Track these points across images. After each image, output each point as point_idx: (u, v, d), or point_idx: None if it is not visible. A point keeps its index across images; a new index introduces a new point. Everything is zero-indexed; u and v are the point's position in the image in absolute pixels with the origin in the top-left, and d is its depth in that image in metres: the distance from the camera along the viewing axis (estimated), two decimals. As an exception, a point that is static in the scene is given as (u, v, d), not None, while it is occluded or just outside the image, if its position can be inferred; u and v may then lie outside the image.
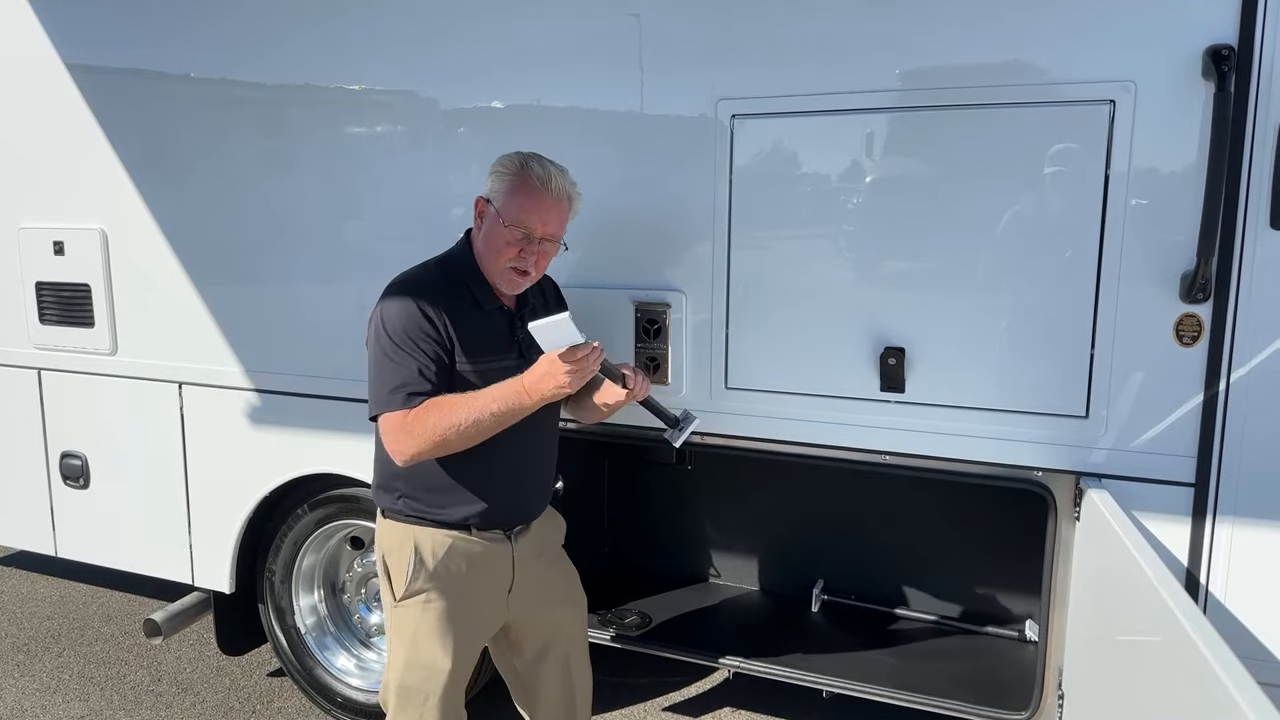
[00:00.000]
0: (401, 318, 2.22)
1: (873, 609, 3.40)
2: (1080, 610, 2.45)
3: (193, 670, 4.05)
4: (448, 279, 2.33)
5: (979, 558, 3.29)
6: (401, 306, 2.23)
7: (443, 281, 2.32)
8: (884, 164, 2.54)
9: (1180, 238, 2.27)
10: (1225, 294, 2.25)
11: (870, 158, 2.54)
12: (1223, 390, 2.29)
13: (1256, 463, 2.28)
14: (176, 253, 3.47)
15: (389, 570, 2.39)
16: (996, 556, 3.25)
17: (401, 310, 2.23)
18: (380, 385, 2.23)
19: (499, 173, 2.31)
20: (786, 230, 2.65)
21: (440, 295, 2.27)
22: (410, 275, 2.35)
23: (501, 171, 2.30)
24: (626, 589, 3.50)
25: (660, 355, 2.82)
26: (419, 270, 2.37)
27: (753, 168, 2.65)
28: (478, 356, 2.28)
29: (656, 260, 2.81)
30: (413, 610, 2.34)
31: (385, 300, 2.28)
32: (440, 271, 2.35)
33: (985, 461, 2.55)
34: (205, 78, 3.34)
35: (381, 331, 2.23)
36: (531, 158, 2.31)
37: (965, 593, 3.36)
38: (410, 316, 2.22)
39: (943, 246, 2.50)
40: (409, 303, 2.24)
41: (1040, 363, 2.45)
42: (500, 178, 2.30)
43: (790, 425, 2.73)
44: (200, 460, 3.57)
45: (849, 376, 2.63)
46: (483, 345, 2.30)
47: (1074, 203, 2.35)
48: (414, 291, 2.27)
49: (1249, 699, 1.35)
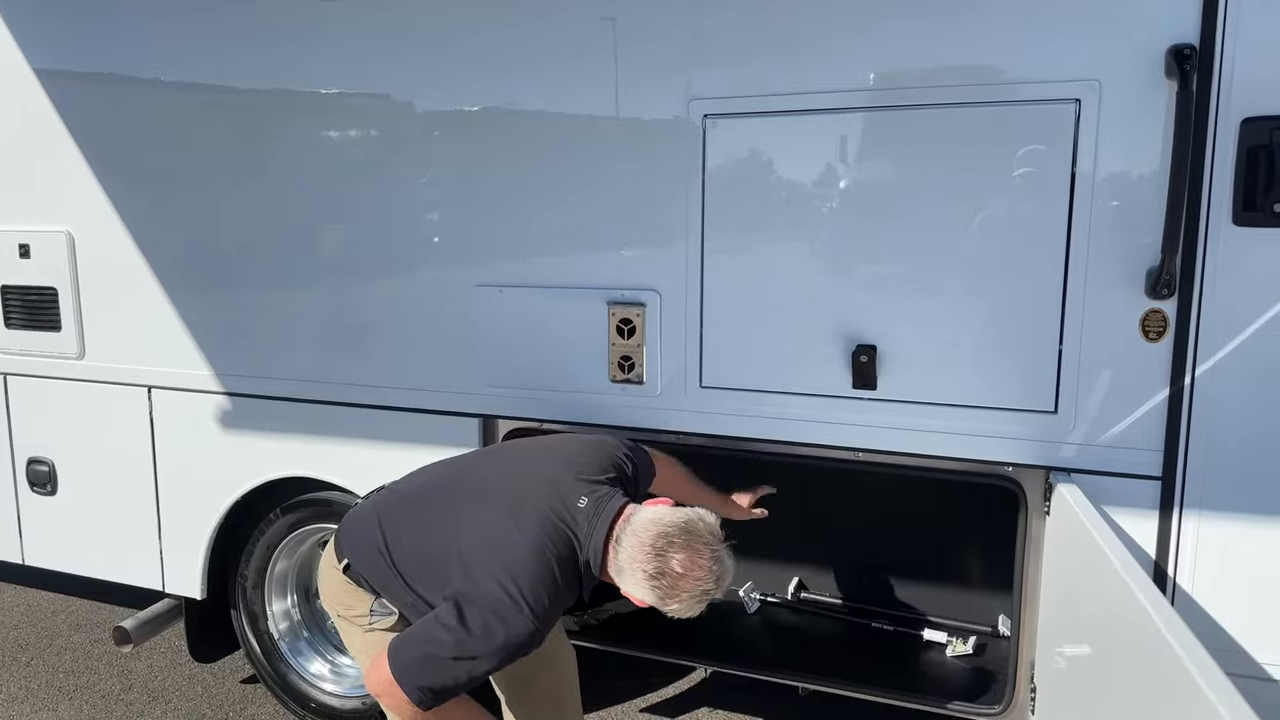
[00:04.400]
0: (509, 644, 1.99)
1: (848, 606, 3.41)
2: (1051, 605, 2.47)
3: (164, 678, 4.00)
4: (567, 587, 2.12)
5: (952, 554, 3.31)
6: (522, 637, 2.00)
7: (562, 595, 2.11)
8: (854, 163, 2.55)
9: (1145, 234, 2.29)
10: (1189, 290, 2.27)
11: (840, 157, 2.56)
12: (1188, 385, 2.31)
13: (1222, 456, 2.30)
14: (145, 255, 3.43)
15: (346, 614, 2.35)
16: (969, 553, 3.27)
17: (519, 639, 2.00)
18: (422, 660, 2.00)
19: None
20: (759, 230, 2.66)
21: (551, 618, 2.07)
22: (547, 592, 2.05)
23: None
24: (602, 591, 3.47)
25: (635, 355, 2.82)
26: (552, 584, 2.07)
27: (725, 168, 2.65)
28: None
29: (630, 260, 2.81)
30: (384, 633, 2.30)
31: (505, 605, 1.99)
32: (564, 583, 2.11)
33: (956, 457, 2.56)
34: (173, 80, 3.31)
35: (471, 639, 1.98)
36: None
37: (939, 589, 3.36)
38: (516, 649, 2.01)
39: (913, 245, 2.51)
40: (532, 633, 2.00)
41: (1010, 359, 2.46)
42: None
43: (764, 423, 2.74)
44: (170, 465, 3.53)
45: (821, 374, 2.64)
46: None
47: (1041, 200, 2.37)
48: (539, 620, 2.02)
49: (1217, 690, 1.37)
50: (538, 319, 2.92)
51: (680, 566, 1.99)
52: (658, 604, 2.04)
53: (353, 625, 2.34)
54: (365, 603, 2.30)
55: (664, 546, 2.00)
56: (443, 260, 3.03)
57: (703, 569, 2.00)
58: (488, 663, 2.01)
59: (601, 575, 2.13)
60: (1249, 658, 2.30)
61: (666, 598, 2.02)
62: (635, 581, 2.03)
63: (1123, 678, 1.82)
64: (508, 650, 2.01)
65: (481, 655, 2.00)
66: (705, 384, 2.79)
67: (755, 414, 2.74)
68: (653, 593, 2.02)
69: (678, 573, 2.00)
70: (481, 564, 2.06)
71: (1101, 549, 1.98)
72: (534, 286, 2.90)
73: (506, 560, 2.04)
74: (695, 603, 2.03)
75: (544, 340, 2.92)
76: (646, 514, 2.09)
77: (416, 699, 2.01)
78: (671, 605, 2.03)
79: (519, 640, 2.00)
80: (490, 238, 2.96)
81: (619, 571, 2.07)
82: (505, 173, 2.90)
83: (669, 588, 2.00)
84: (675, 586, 2.00)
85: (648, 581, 2.01)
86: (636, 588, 2.04)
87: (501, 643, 1.99)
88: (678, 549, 2.00)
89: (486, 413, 3.01)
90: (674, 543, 2.01)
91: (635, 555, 2.02)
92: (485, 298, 2.97)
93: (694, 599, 2.02)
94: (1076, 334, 2.39)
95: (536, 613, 2.01)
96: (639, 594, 2.05)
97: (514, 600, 1.99)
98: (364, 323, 3.18)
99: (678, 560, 2.00)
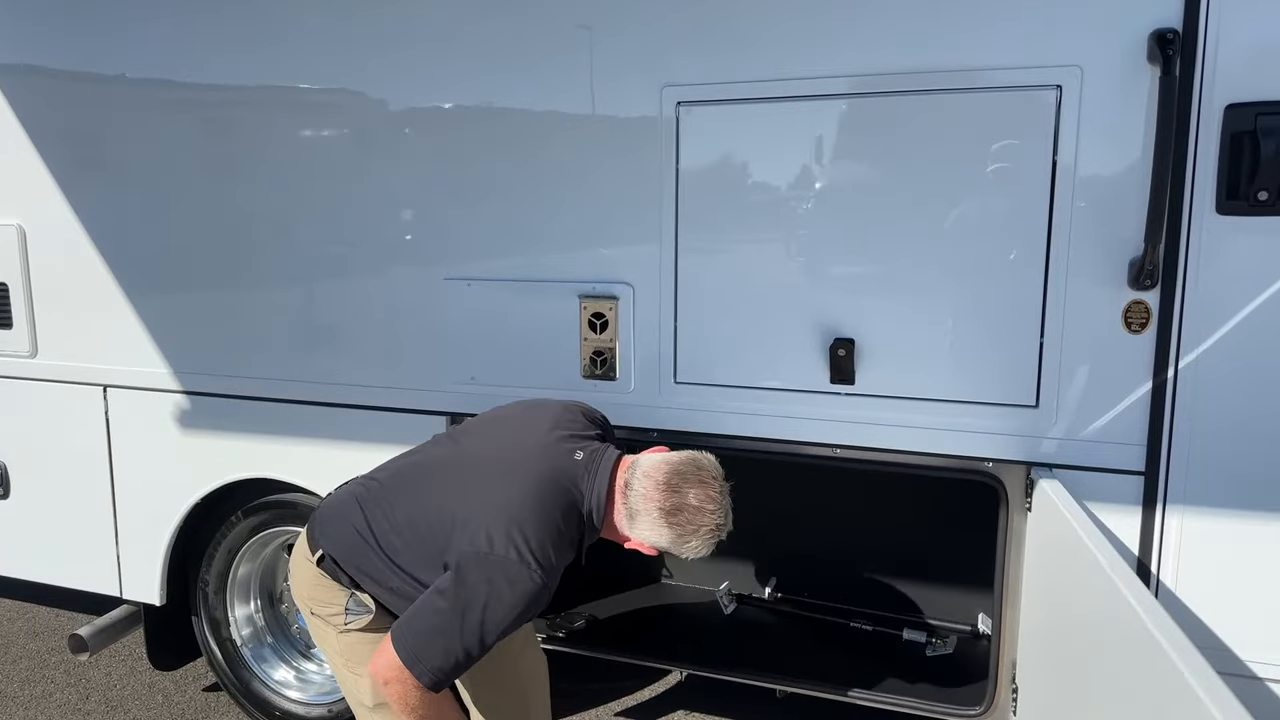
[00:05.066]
0: (518, 604, 1.95)
1: (826, 606, 3.36)
2: (1033, 603, 2.42)
3: (124, 687, 3.88)
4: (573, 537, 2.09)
5: (932, 553, 3.26)
6: (529, 595, 1.95)
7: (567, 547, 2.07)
8: (831, 152, 2.49)
9: (1128, 224, 2.25)
10: (1173, 280, 2.23)
11: (817, 146, 2.49)
12: (1171, 377, 2.27)
13: (1205, 450, 2.26)
14: (100, 250, 3.32)
15: (320, 612, 2.25)
16: (949, 551, 3.21)
17: (527, 598, 1.95)
18: (430, 637, 1.95)
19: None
20: (735, 220, 2.59)
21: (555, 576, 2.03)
22: (554, 546, 2.01)
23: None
24: (575, 592, 3.41)
25: (607, 350, 2.75)
26: (558, 538, 2.03)
27: (700, 157, 2.59)
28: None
29: (602, 253, 2.74)
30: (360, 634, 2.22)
31: (511, 564, 1.94)
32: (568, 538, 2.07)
33: (936, 453, 2.51)
34: (130, 75, 3.19)
35: (480, 603, 1.93)
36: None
37: (918, 588, 3.33)
38: (525, 609, 1.96)
39: (891, 236, 2.46)
40: (540, 588, 1.96)
41: (990, 352, 2.42)
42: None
43: (740, 420, 2.68)
44: (127, 467, 3.42)
45: (799, 369, 2.58)
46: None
47: (1021, 190, 2.32)
48: (547, 575, 1.97)
49: (1207, 687, 1.32)
50: (507, 314, 2.84)
51: (696, 500, 2.00)
52: (674, 544, 2.03)
53: (327, 626, 2.24)
54: (340, 599, 2.20)
55: (678, 483, 2.02)
56: (409, 253, 2.94)
57: (715, 502, 2.02)
58: (498, 626, 1.95)
59: (604, 528, 2.12)
60: (1233, 655, 2.26)
61: (685, 535, 2.01)
62: (651, 522, 2.02)
63: (1109, 677, 1.77)
64: (517, 610, 1.95)
65: (491, 619, 1.94)
66: (680, 379, 2.72)
67: (731, 410, 2.68)
68: (670, 530, 2.01)
69: (694, 506, 2.00)
70: (483, 526, 1.99)
71: (1087, 545, 1.93)
72: (503, 280, 2.81)
73: (509, 520, 1.99)
74: (710, 538, 2.03)
75: (514, 336, 2.84)
76: (652, 456, 2.10)
77: (430, 681, 1.94)
78: (690, 543, 2.02)
79: (528, 598, 1.95)
80: (458, 230, 2.87)
81: (631, 516, 2.05)
82: (473, 163, 2.82)
83: (687, 523, 2.00)
84: (693, 522, 2.00)
85: (665, 520, 2.01)
86: (652, 530, 2.03)
87: (511, 602, 1.94)
88: (692, 484, 2.02)
89: (455, 410, 2.93)
90: (687, 478, 2.02)
91: (650, 494, 2.02)
92: (453, 292, 2.88)
93: (710, 534, 2.02)
94: (1058, 326, 2.34)
95: (544, 567, 1.97)
96: (654, 537, 2.04)
97: (521, 558, 1.95)
98: (328, 318, 3.09)
99: (694, 494, 2.01)
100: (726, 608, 3.39)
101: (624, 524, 2.09)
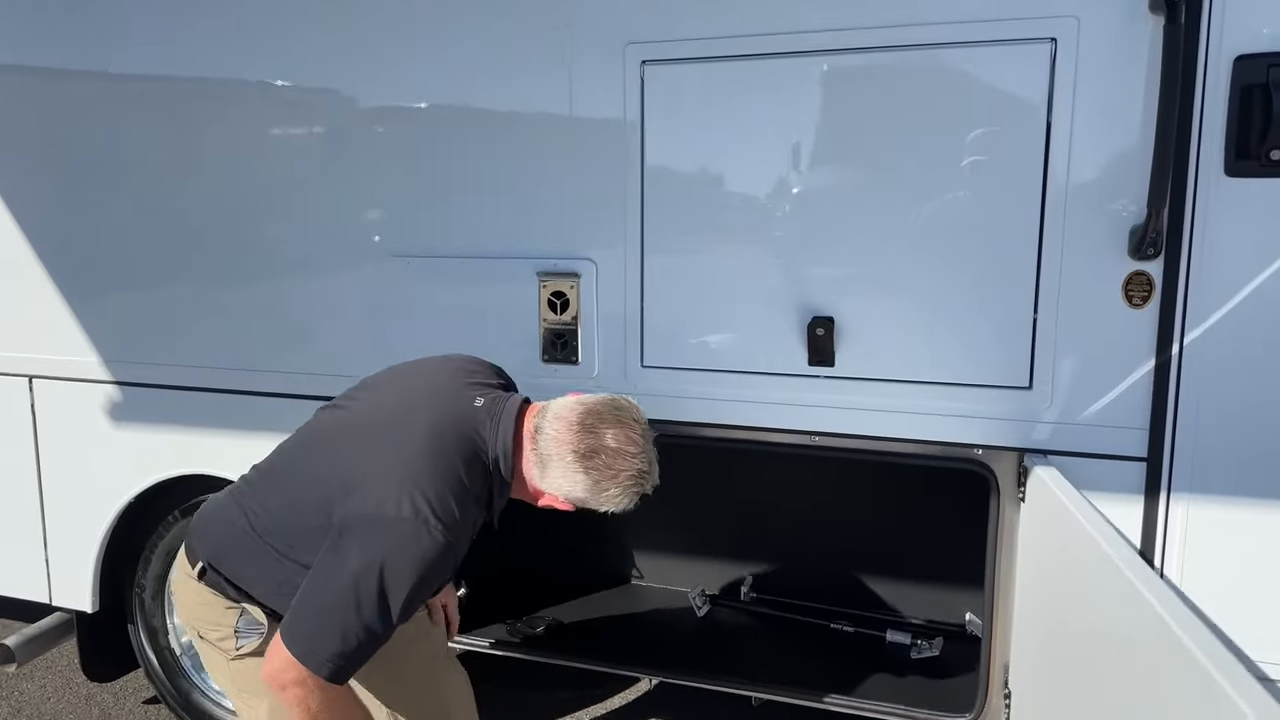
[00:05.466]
0: (420, 567, 1.72)
1: (804, 606, 3.20)
2: (1028, 600, 2.26)
3: (58, 700, 3.64)
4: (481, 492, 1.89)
5: (917, 548, 3.11)
6: (432, 555, 1.72)
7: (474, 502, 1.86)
8: (808, 113, 2.31)
9: (1128, 188, 2.09)
10: (1177, 249, 2.07)
11: (794, 106, 2.31)
12: (1176, 355, 2.11)
13: (1213, 434, 2.10)
14: (25, 234, 3.09)
15: (209, 635, 2.01)
16: (935, 545, 3.07)
17: (429, 559, 1.73)
18: (323, 619, 1.72)
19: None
20: (705, 189, 2.41)
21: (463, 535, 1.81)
22: (455, 498, 1.78)
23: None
24: (539, 595, 3.23)
25: (568, 332, 2.57)
26: (460, 489, 1.80)
27: (666, 120, 2.40)
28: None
29: (562, 226, 2.54)
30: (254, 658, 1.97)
31: (406, 522, 1.72)
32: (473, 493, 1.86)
33: (921, 439, 2.35)
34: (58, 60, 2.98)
35: (376, 569, 1.70)
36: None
37: (903, 586, 3.17)
38: (428, 573, 1.74)
39: (874, 205, 2.29)
40: (444, 548, 1.73)
41: (979, 330, 2.26)
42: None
43: (712, 406, 2.50)
44: (55, 463, 3.19)
45: (774, 350, 2.41)
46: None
47: (1013, 152, 2.16)
48: (450, 532, 1.75)
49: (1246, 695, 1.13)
50: (458, 294, 2.65)
51: (615, 441, 1.80)
52: (589, 494, 1.82)
53: (216, 651, 2.00)
54: (229, 619, 1.96)
55: (594, 423, 1.82)
56: (353, 229, 2.74)
57: (637, 445, 1.82)
58: (402, 595, 1.71)
59: (514, 483, 1.91)
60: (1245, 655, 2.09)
61: (602, 481, 1.80)
62: (564, 468, 1.82)
63: (1120, 685, 1.59)
64: (420, 574, 1.72)
65: (393, 587, 1.70)
66: (647, 363, 2.54)
67: (702, 396, 2.50)
68: (585, 477, 1.81)
69: (612, 449, 1.80)
70: (373, 486, 1.77)
71: (1093, 538, 1.76)
72: (452, 257, 2.62)
73: (403, 475, 1.76)
74: (632, 486, 1.82)
75: (465, 317, 2.65)
76: (565, 399, 1.90)
77: (330, 671, 1.71)
78: (608, 491, 1.81)
79: (431, 559, 1.72)
80: (401, 203, 2.68)
81: (542, 462, 1.84)
82: (416, 123, 2.61)
83: (604, 468, 1.80)
84: (611, 467, 1.80)
85: (579, 464, 1.80)
86: (564, 477, 1.82)
87: (412, 566, 1.71)
88: (609, 425, 1.82)
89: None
90: (604, 419, 1.83)
91: (562, 436, 1.82)
92: (398, 271, 2.69)
93: (632, 480, 1.82)
94: (1053, 300, 2.18)
95: (446, 524, 1.74)
96: (567, 485, 1.83)
97: (417, 514, 1.72)
98: (267, 302, 2.87)
99: (611, 435, 1.81)
100: (699, 610, 3.22)
101: (534, 474, 1.87)
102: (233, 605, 1.95)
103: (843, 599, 3.20)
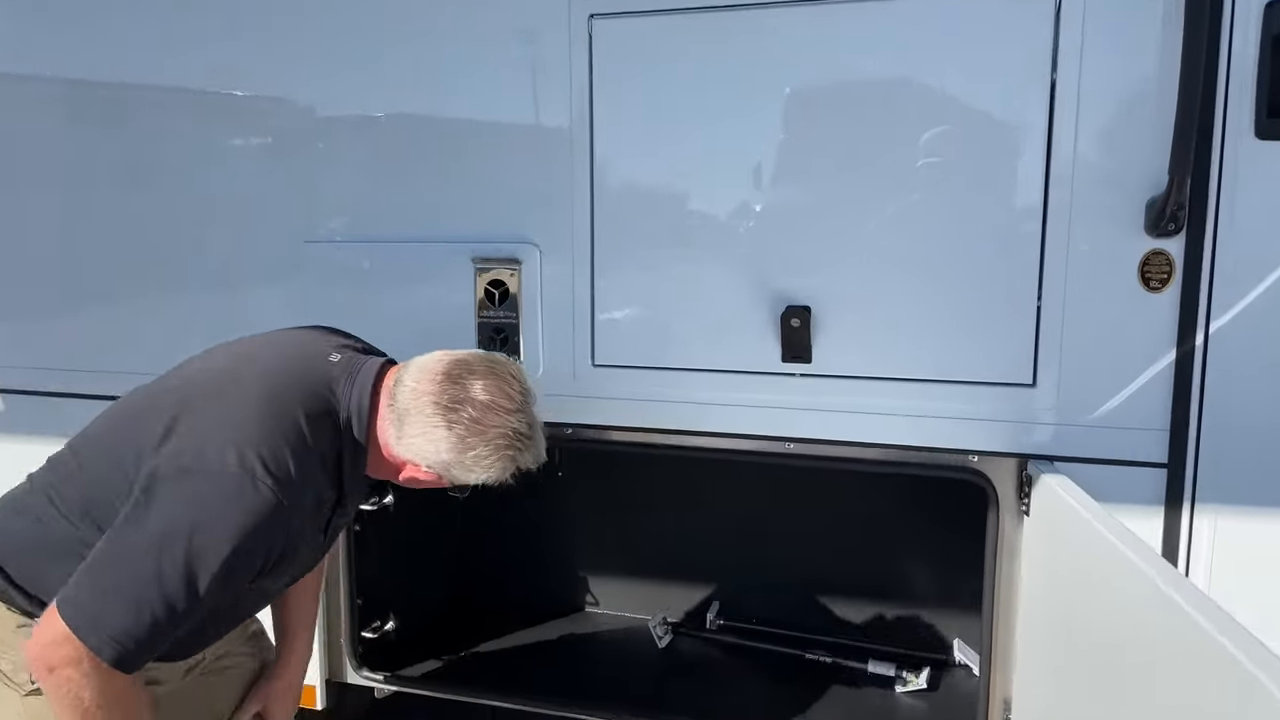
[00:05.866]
0: (242, 528, 1.44)
1: (777, 634, 2.98)
2: (1033, 626, 2.03)
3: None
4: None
5: (902, 569, 2.92)
6: (258, 514, 1.45)
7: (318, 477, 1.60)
8: (778, 72, 2.08)
9: (1145, 155, 1.89)
10: (1201, 224, 1.89)
11: (762, 64, 2.08)
12: (1200, 345, 1.93)
13: (1242, 435, 1.93)
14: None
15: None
16: (922, 566, 2.88)
17: (254, 518, 1.45)
18: (110, 591, 1.42)
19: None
20: (663, 160, 2.18)
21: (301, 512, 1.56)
22: (292, 450, 1.52)
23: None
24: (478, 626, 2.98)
25: (508, 326, 2.32)
26: (299, 441, 1.54)
27: (618, 82, 2.17)
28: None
29: (501, 205, 2.31)
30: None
31: (228, 476, 1.45)
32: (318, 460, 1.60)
33: (908, 445, 2.16)
34: None
35: (184, 530, 1.42)
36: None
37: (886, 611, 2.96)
38: (252, 536, 1.45)
39: (854, 178, 2.07)
40: (274, 507, 1.47)
41: (976, 319, 2.06)
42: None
43: (672, 410, 2.28)
44: None
45: (743, 345, 2.19)
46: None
47: (1014, 116, 1.97)
48: (283, 488, 1.48)
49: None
50: (381, 282, 2.41)
51: (485, 393, 1.58)
52: (453, 454, 1.57)
53: (7, 686, 1.61)
54: (20, 639, 1.56)
55: (462, 372, 1.60)
56: (265, 211, 2.46)
57: (513, 401, 1.60)
58: (215, 563, 1.41)
59: (370, 452, 1.66)
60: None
61: (468, 438, 1.56)
62: (424, 423, 1.57)
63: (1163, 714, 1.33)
64: (240, 537, 1.43)
65: (204, 552, 1.40)
66: (598, 361, 2.32)
67: (662, 398, 2.29)
68: (450, 433, 1.56)
69: (482, 400, 1.57)
70: (191, 435, 1.49)
71: (1122, 553, 1.49)
72: (375, 241, 2.37)
73: (232, 427, 1.50)
74: (505, 449, 1.58)
75: (391, 308, 2.39)
76: (432, 353, 1.66)
77: (112, 655, 1.38)
78: (474, 451, 1.57)
79: (256, 523, 1.44)
80: (319, 180, 2.42)
81: (400, 419, 1.60)
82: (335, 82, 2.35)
83: (472, 423, 1.56)
84: (479, 422, 1.56)
85: (443, 418, 1.56)
86: (424, 435, 1.57)
87: (231, 526, 1.42)
88: (479, 375, 1.60)
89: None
90: (474, 369, 1.61)
91: (424, 387, 1.59)
92: (314, 257, 2.42)
93: (504, 441, 1.58)
94: (1059, 285, 2.00)
95: (279, 479, 1.47)
96: (427, 447, 1.58)
97: (243, 465, 1.45)
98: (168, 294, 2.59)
99: (481, 385, 1.58)
100: (661, 640, 2.98)
101: (391, 437, 1.60)
102: (26, 623, 1.57)
103: (820, 626, 3.01)
